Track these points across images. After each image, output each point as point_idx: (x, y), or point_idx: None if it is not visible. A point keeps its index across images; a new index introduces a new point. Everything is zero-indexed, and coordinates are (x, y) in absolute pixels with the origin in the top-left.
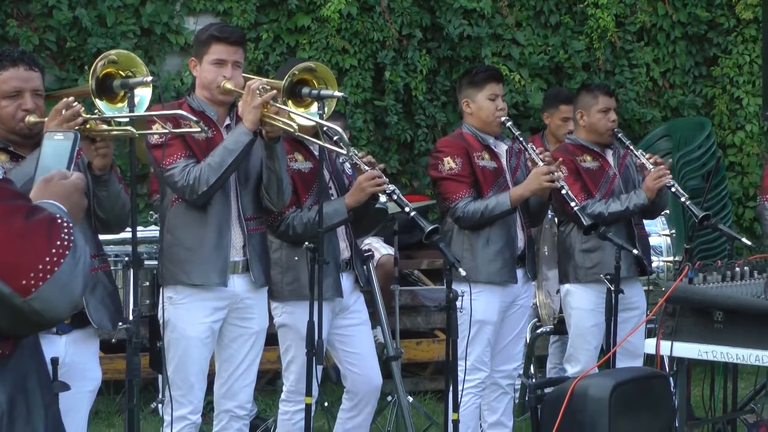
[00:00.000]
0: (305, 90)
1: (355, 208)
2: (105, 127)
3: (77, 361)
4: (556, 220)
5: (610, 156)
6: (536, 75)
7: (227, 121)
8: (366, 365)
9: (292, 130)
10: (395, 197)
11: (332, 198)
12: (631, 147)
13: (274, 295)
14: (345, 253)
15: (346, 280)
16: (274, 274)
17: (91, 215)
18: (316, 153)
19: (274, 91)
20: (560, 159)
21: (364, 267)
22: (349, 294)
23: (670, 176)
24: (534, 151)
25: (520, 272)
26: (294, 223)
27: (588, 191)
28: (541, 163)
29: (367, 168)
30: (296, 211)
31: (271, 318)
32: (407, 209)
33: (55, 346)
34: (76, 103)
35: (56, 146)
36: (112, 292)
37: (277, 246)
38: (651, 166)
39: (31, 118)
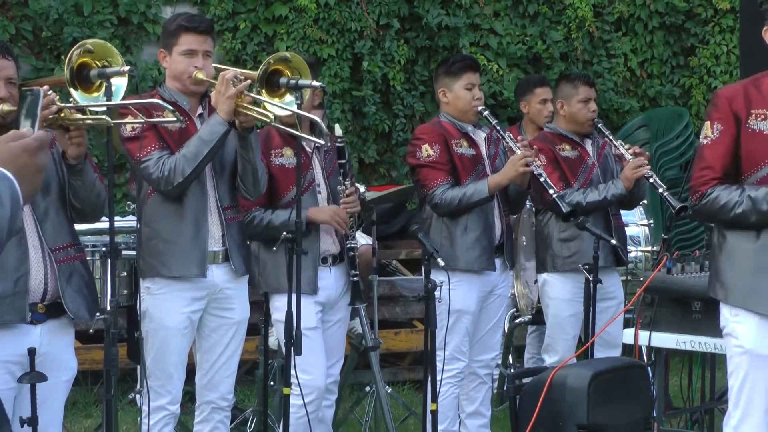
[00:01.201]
0: (282, 80)
1: None
2: (79, 116)
3: (52, 351)
4: (534, 209)
5: (589, 145)
6: (514, 65)
7: (199, 111)
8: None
9: (268, 120)
10: (352, 253)
11: (319, 195)
12: (611, 137)
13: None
14: (332, 248)
15: (334, 275)
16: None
17: (66, 204)
18: (308, 148)
19: (248, 81)
20: (536, 147)
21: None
22: (343, 290)
23: (649, 167)
24: (511, 139)
25: (498, 261)
26: (254, 222)
27: (566, 180)
28: (518, 151)
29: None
30: (260, 210)
31: (252, 308)
32: (353, 272)
33: (30, 337)
34: (50, 92)
35: (26, 106)
36: (89, 282)
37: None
38: (630, 157)
39: (5, 107)
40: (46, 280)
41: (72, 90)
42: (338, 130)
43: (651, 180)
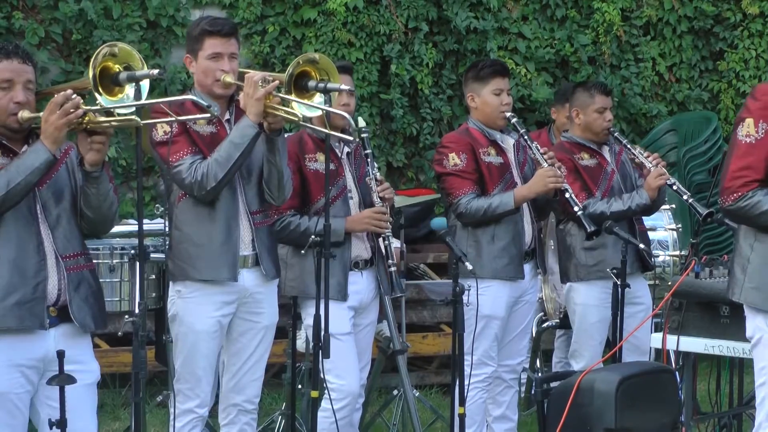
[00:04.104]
0: (311, 83)
1: None
2: (104, 118)
3: (69, 354)
4: (556, 219)
5: (606, 152)
6: (542, 69)
7: (226, 116)
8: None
9: (296, 119)
10: (386, 242)
11: (351, 201)
12: (629, 145)
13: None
14: (364, 253)
15: (366, 279)
16: None
17: (77, 214)
18: (339, 154)
19: (277, 82)
20: (559, 162)
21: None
22: (374, 293)
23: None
24: (539, 150)
25: (528, 266)
26: (290, 227)
27: (588, 189)
28: (545, 164)
29: (378, 200)
30: (295, 216)
31: (279, 311)
32: (390, 261)
33: (44, 341)
34: (75, 96)
35: None
36: (96, 292)
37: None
38: (650, 164)
39: (25, 114)
40: (60, 285)
41: (96, 93)
42: (361, 122)
43: (675, 187)
